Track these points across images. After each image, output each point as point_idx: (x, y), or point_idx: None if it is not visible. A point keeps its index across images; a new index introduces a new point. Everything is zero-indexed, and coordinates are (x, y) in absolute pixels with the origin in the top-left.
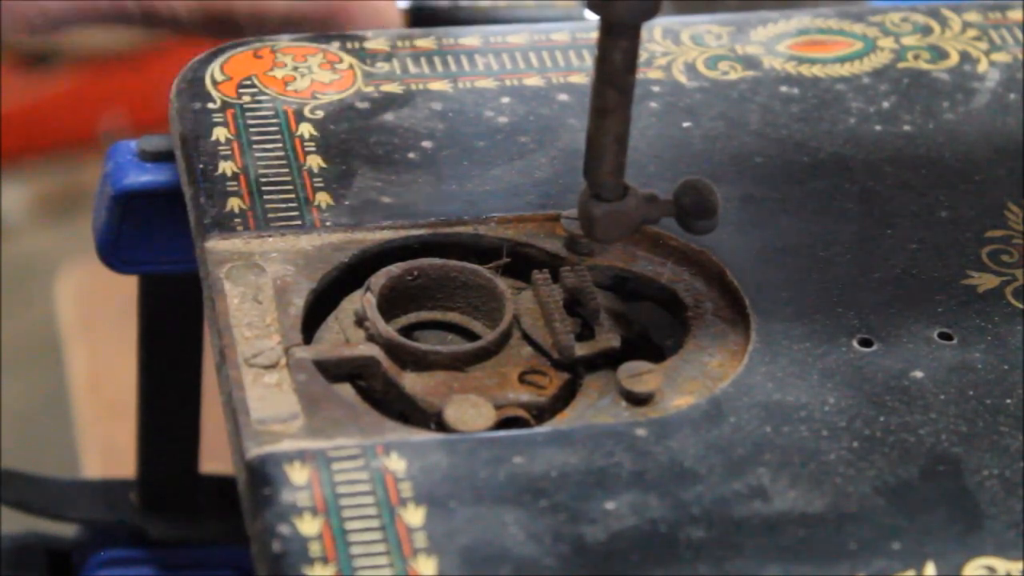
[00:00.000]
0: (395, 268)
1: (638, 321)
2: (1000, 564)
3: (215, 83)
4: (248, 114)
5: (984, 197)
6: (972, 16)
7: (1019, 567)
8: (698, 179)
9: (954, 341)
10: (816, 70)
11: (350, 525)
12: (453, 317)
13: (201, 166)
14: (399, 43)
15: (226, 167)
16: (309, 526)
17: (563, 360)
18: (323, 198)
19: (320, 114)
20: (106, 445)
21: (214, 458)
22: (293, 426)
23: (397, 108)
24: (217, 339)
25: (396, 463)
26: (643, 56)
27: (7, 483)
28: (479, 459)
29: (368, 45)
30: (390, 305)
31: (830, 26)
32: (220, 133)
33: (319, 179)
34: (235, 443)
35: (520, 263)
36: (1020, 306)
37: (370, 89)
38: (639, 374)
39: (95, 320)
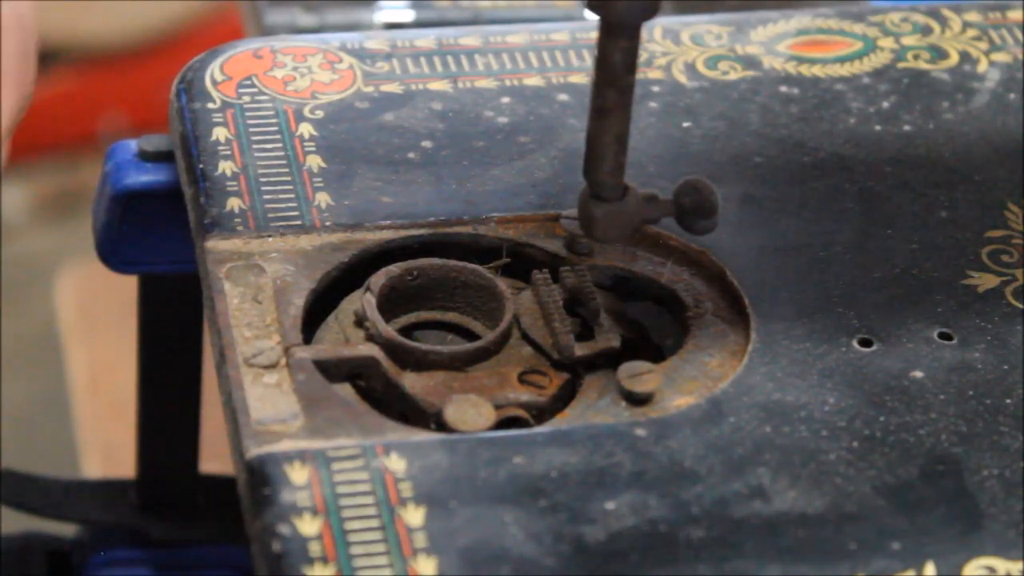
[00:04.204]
0: (395, 268)
1: (638, 321)
2: (1000, 564)
3: (215, 83)
4: (248, 114)
5: (984, 197)
6: (972, 16)
7: (1019, 567)
8: (698, 179)
9: (954, 341)
10: (816, 70)
11: (350, 525)
12: (453, 317)
13: (201, 166)
14: (399, 43)
15: (226, 167)
16: (309, 526)
17: (563, 360)
18: (323, 198)
19: (320, 114)
20: (106, 445)
21: (214, 458)
22: (293, 426)
23: (397, 108)
24: (217, 339)
25: (396, 463)
26: (643, 56)
27: (7, 483)
28: (479, 459)
29: (368, 45)
30: (390, 305)
31: (830, 26)
32: (220, 133)
33: (319, 179)
34: (235, 443)
35: (520, 263)
36: (1020, 306)
37: (370, 89)
38: (639, 374)
39: (95, 320)
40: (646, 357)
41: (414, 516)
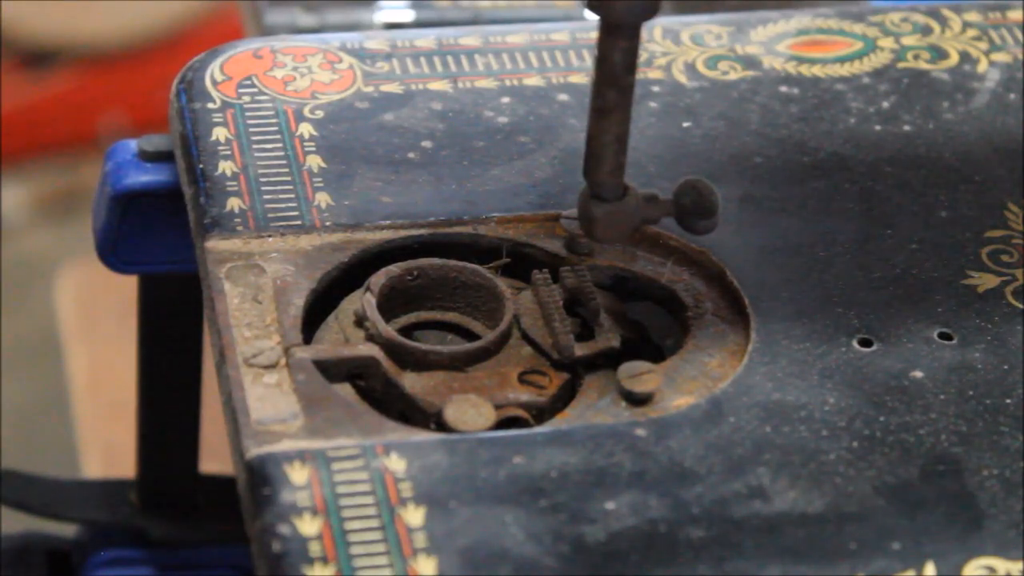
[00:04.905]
0: (395, 268)
1: (638, 321)
2: (1000, 564)
3: (215, 83)
4: (248, 114)
5: (984, 197)
6: (972, 16)
7: (1019, 567)
8: (698, 179)
9: (954, 341)
10: (816, 70)
11: (350, 525)
12: (453, 317)
13: (201, 166)
14: (399, 43)
15: (226, 167)
16: (309, 526)
17: (563, 360)
18: (323, 198)
19: (320, 114)
20: (106, 445)
21: (214, 458)
22: (293, 426)
23: (397, 108)
24: (217, 339)
25: (396, 463)
26: (643, 56)
27: (7, 483)
28: (479, 459)
29: (368, 45)
30: (390, 305)
31: (830, 26)
32: (220, 133)
33: (319, 179)
34: (235, 443)
35: (520, 263)
36: (1020, 306)
37: (370, 89)
38: (639, 374)
39: (95, 320)
40: (646, 357)
41: (414, 516)
